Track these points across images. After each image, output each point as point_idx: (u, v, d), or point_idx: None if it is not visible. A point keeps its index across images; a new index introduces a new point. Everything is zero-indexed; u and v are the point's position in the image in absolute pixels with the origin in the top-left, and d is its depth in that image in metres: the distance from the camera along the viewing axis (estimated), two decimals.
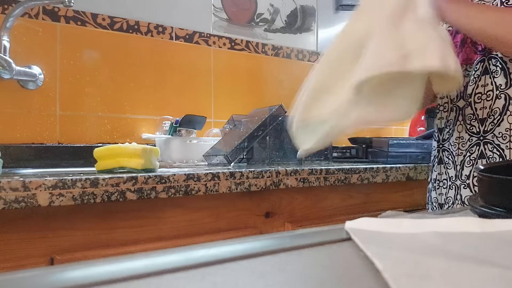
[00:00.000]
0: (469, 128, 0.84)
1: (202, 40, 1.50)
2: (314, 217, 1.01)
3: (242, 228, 0.90)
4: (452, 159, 0.87)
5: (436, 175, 0.92)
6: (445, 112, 0.91)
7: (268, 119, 1.11)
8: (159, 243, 0.79)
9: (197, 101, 1.48)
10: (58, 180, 0.66)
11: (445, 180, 0.89)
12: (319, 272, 0.22)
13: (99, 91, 1.29)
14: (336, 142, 1.54)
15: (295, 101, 0.73)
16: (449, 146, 0.88)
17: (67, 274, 0.21)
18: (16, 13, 1.11)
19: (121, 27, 1.34)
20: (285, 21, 1.73)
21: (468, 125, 0.85)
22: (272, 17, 1.69)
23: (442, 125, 0.91)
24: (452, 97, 0.88)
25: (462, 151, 0.85)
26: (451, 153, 0.87)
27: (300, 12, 1.78)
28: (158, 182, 0.76)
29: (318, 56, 1.81)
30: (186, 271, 0.22)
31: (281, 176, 0.92)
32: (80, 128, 1.26)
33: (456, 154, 0.86)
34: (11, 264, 0.66)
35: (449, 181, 0.88)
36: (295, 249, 0.27)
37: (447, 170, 0.88)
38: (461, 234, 0.30)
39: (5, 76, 1.12)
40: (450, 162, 0.88)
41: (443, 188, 0.90)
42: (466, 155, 0.85)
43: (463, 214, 0.39)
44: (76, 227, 0.72)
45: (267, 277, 0.21)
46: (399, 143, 1.26)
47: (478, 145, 0.86)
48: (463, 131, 0.85)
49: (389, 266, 0.22)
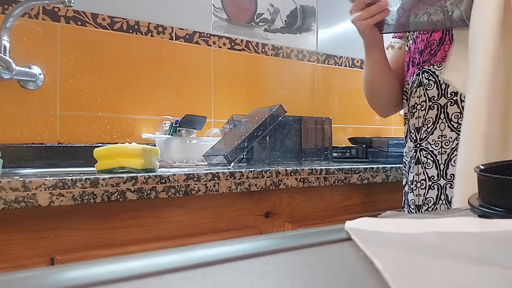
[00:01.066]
0: (456, 127, 0.85)
1: (202, 40, 1.50)
2: (314, 217, 1.01)
3: (242, 228, 0.90)
4: (433, 158, 0.86)
5: (413, 176, 0.91)
6: (423, 111, 0.90)
7: (268, 119, 1.11)
8: (159, 243, 0.79)
9: (197, 101, 1.48)
10: (58, 180, 0.66)
11: (423, 180, 0.88)
12: (319, 272, 0.22)
13: (99, 91, 1.29)
14: (336, 142, 1.54)
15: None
16: (428, 145, 0.87)
17: (67, 274, 0.21)
18: (16, 13, 1.11)
19: (121, 27, 1.34)
20: (285, 21, 1.73)
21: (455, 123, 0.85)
22: (272, 17, 1.69)
23: (419, 124, 0.90)
24: (431, 95, 0.88)
25: (446, 149, 0.84)
26: (431, 152, 0.87)
27: (300, 12, 1.78)
28: (158, 182, 0.76)
29: (318, 56, 1.82)
30: (186, 271, 0.22)
31: (281, 176, 0.92)
32: (80, 128, 1.26)
33: (438, 153, 0.85)
34: (11, 264, 0.66)
35: (428, 181, 0.87)
36: (295, 249, 0.27)
37: (426, 170, 0.87)
38: (461, 234, 0.30)
39: (5, 76, 1.12)
40: (429, 161, 0.87)
41: (421, 189, 0.89)
42: (451, 153, 0.85)
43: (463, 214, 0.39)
44: (76, 227, 0.72)
45: (267, 277, 0.21)
46: (399, 143, 1.26)
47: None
48: (446, 129, 0.85)
49: (389, 266, 0.22)
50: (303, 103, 1.76)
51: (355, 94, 1.89)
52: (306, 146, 1.23)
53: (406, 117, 0.97)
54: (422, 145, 0.89)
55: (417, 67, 0.91)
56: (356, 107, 1.91)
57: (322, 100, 1.80)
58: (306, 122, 1.24)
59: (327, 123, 1.29)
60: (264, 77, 1.66)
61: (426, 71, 0.88)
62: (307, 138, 1.24)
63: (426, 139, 0.88)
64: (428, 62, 0.88)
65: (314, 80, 1.80)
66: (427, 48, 0.89)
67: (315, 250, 0.27)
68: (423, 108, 0.89)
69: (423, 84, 0.89)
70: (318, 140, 1.27)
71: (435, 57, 0.87)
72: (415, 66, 0.92)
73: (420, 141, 0.89)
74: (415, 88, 0.91)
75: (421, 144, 0.89)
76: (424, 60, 0.89)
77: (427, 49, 0.89)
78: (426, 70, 0.88)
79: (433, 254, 0.25)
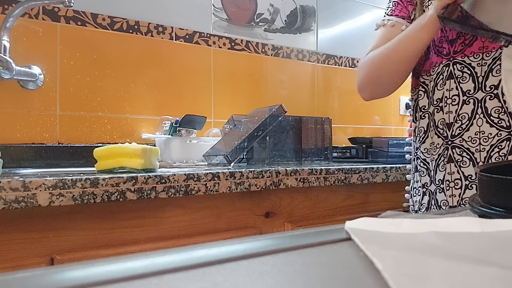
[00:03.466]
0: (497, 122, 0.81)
1: (202, 40, 1.50)
2: (314, 217, 1.01)
3: (242, 228, 0.90)
4: (470, 156, 0.83)
5: (443, 175, 0.88)
6: (455, 105, 0.85)
7: (268, 119, 1.11)
8: (159, 243, 0.79)
9: (197, 101, 1.48)
10: (58, 180, 0.66)
11: (458, 180, 0.85)
12: (319, 272, 0.22)
13: (99, 91, 1.29)
14: (336, 142, 1.54)
15: None
16: (463, 143, 0.84)
17: (67, 274, 0.21)
18: (16, 13, 1.11)
19: (121, 27, 1.34)
20: (285, 21, 1.73)
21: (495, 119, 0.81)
22: (272, 17, 1.69)
23: (450, 119, 0.86)
24: (465, 89, 0.84)
25: (484, 146, 0.81)
26: (467, 150, 0.83)
27: (300, 12, 1.78)
28: (158, 182, 0.76)
29: (318, 56, 1.82)
30: (186, 271, 0.22)
31: (281, 176, 0.92)
32: (80, 128, 1.26)
33: (476, 151, 0.82)
34: (11, 264, 0.66)
35: (465, 181, 0.84)
36: (295, 249, 0.27)
37: (461, 169, 0.84)
38: (461, 234, 0.30)
39: (5, 76, 1.12)
40: (465, 159, 0.83)
41: (455, 189, 0.86)
42: (491, 150, 0.81)
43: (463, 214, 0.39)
44: (76, 227, 0.72)
45: (267, 277, 0.21)
46: (399, 143, 1.26)
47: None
48: (484, 125, 0.81)
49: (389, 266, 0.22)
50: (303, 103, 1.76)
51: (355, 94, 1.89)
52: (306, 146, 1.23)
53: (425, 110, 0.91)
54: (456, 142, 0.84)
55: (446, 58, 0.86)
56: (356, 107, 1.91)
57: (322, 100, 1.80)
58: (306, 122, 1.24)
59: (327, 123, 1.29)
60: (264, 77, 1.66)
61: (459, 62, 0.83)
62: (307, 138, 1.24)
63: (461, 135, 0.83)
64: (461, 53, 0.83)
65: (314, 80, 1.80)
66: (460, 38, 0.83)
67: (315, 250, 0.27)
68: (455, 103, 0.84)
69: (454, 76, 0.84)
70: (318, 140, 1.27)
71: (470, 47, 0.82)
72: (442, 56, 0.87)
73: (453, 138, 0.84)
74: (443, 80, 0.86)
75: (454, 141, 0.84)
76: (456, 50, 0.84)
77: (460, 38, 0.83)
78: (459, 62, 0.83)
79: (433, 254, 0.25)
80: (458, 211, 0.41)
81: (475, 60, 0.82)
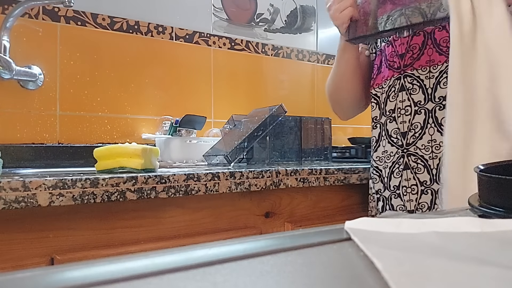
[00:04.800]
0: (396, 142, 0.89)
1: (202, 40, 1.50)
2: (314, 217, 1.01)
3: (242, 228, 0.90)
4: (424, 163, 0.86)
5: (399, 182, 0.91)
6: (408, 116, 0.89)
7: (268, 119, 1.11)
8: (159, 243, 0.79)
9: (197, 101, 1.48)
10: (58, 180, 0.66)
11: (414, 185, 0.88)
12: (319, 272, 0.22)
13: (99, 91, 1.29)
14: (335, 142, 1.54)
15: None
16: (417, 150, 0.87)
17: (67, 274, 0.21)
18: (16, 13, 1.11)
19: (121, 27, 1.34)
20: (285, 21, 1.73)
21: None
22: (272, 17, 1.69)
23: (405, 129, 0.90)
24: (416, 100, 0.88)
25: (437, 154, 0.84)
26: (421, 157, 0.86)
27: (300, 12, 1.78)
28: (158, 182, 0.76)
29: (318, 56, 1.82)
30: (186, 271, 0.22)
31: (281, 176, 0.92)
32: (80, 128, 1.26)
33: (429, 158, 0.85)
34: (11, 264, 0.66)
35: (420, 186, 0.87)
36: (295, 249, 0.27)
37: (417, 175, 0.87)
38: (461, 234, 0.30)
39: (5, 76, 1.12)
40: (420, 166, 0.86)
41: (412, 194, 0.89)
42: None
43: (463, 214, 0.39)
44: (76, 227, 0.72)
45: (267, 277, 0.21)
46: None
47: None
48: (435, 134, 0.84)
49: (389, 266, 0.22)
50: (303, 103, 1.76)
51: None
52: (306, 146, 1.23)
53: (377, 121, 0.97)
54: (410, 150, 0.87)
55: (397, 71, 0.90)
56: None
57: (322, 100, 1.80)
58: (306, 122, 1.24)
59: (327, 123, 1.29)
60: (264, 77, 1.66)
61: (409, 75, 0.87)
62: (307, 138, 1.24)
63: (415, 144, 0.86)
64: (410, 66, 0.87)
65: (314, 80, 1.80)
66: (408, 52, 0.87)
67: (315, 250, 0.27)
68: (408, 113, 0.88)
69: (406, 88, 0.88)
70: (318, 140, 1.27)
71: (418, 61, 0.86)
72: (393, 69, 0.91)
73: (408, 146, 0.88)
74: (395, 92, 0.90)
75: (409, 149, 0.88)
76: (406, 64, 0.88)
77: (408, 52, 0.87)
78: (409, 75, 0.87)
79: (433, 254, 0.25)
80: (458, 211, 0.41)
81: (423, 73, 0.86)
